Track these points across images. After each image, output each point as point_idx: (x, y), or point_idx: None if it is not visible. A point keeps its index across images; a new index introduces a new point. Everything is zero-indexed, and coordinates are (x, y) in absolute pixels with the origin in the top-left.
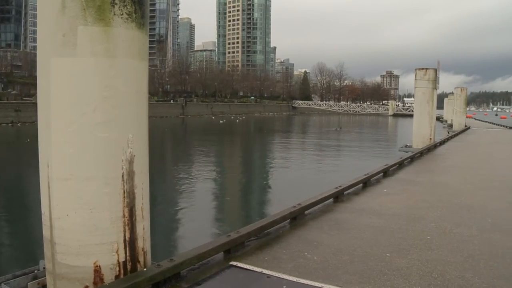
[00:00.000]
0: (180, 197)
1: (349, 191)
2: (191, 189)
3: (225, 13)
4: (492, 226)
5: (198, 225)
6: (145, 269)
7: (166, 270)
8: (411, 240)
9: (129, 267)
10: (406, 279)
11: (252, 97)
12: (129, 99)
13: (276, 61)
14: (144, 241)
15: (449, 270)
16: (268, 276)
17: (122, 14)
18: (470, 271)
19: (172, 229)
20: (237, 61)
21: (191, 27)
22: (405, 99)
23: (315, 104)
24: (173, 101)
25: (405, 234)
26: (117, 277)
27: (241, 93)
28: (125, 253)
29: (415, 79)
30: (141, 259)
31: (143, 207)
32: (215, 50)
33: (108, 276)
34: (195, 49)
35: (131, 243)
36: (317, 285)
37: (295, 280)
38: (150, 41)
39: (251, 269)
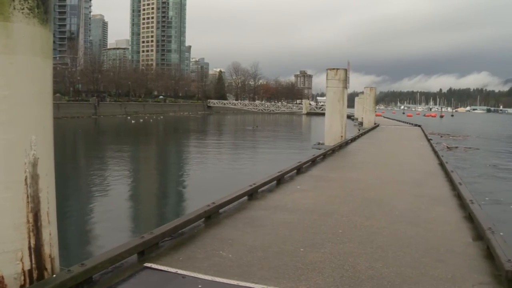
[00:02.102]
0: (92, 200)
1: (263, 188)
2: (104, 192)
3: (139, 11)
4: (399, 218)
5: (112, 227)
6: (54, 275)
7: (77, 276)
8: (324, 234)
9: (35, 275)
10: (320, 273)
11: (162, 96)
12: (31, 99)
13: (191, 60)
14: (51, 247)
15: (360, 262)
16: (183, 276)
17: (23, 8)
18: (379, 262)
19: (84, 233)
20: (152, 60)
21: (104, 24)
22: (318, 98)
23: (230, 103)
24: (94, 100)
25: (318, 229)
26: (22, 287)
27: (155, 93)
28: (31, 260)
29: (327, 79)
30: (48, 266)
31: (49, 212)
32: (128, 48)
33: (12, 287)
34: (108, 47)
35: (36, 250)
36: (233, 283)
37: (211, 279)
38: (60, 38)
39: (166, 270)
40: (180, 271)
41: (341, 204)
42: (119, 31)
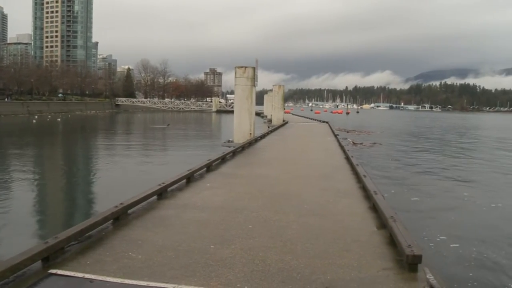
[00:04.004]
0: None
1: (172, 187)
2: (4, 197)
3: (42, 4)
4: (308, 211)
5: (13, 234)
6: None
7: None
8: (234, 230)
9: None
10: (230, 268)
11: (61, 94)
12: None
13: (98, 57)
14: None
15: (270, 255)
16: (91, 280)
17: None
18: (289, 254)
19: None
20: (56, 56)
21: (3, 17)
22: (228, 95)
23: (139, 101)
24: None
25: (228, 226)
26: None
27: (61, 90)
28: None
29: (235, 77)
30: None
31: None
32: (31, 43)
33: None
34: (8, 42)
35: None
36: (143, 284)
37: (120, 282)
38: None
39: (72, 275)
40: (87, 276)
41: (251, 200)
42: (20, 25)
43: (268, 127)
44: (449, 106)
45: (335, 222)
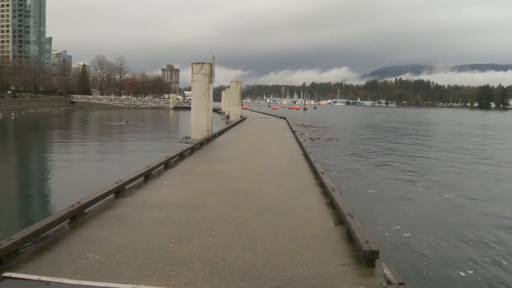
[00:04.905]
0: None
1: (130, 185)
2: None
3: None
4: (266, 208)
5: None
6: None
7: None
8: (193, 228)
9: None
10: (190, 267)
11: (9, 92)
12: None
13: (53, 52)
14: None
15: (230, 253)
16: (48, 283)
17: None
18: (248, 252)
19: None
20: (7, 52)
21: None
22: (185, 92)
23: (95, 98)
24: None
25: (187, 224)
26: None
27: (13, 87)
28: None
29: (192, 73)
30: None
31: None
32: None
33: None
34: None
35: None
36: (101, 285)
37: (77, 283)
38: None
39: (28, 278)
40: (43, 278)
41: (209, 197)
42: None
43: (226, 123)
44: (404, 102)
45: (294, 219)
